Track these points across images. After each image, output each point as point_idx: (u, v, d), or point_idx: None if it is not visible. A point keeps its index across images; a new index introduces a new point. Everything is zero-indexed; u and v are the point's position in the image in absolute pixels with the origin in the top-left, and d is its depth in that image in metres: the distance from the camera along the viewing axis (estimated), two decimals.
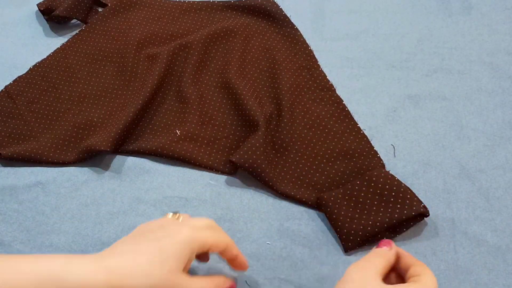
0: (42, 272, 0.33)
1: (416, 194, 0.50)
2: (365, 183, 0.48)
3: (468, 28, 0.63)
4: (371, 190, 0.47)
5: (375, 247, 0.40)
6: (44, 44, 0.66)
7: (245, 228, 0.49)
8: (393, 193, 0.46)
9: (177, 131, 0.56)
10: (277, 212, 0.50)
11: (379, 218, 0.45)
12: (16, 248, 0.49)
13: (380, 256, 0.38)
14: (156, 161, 0.55)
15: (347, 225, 0.46)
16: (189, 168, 0.54)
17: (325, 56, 0.61)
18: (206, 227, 0.39)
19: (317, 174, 0.52)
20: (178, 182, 0.53)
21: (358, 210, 0.47)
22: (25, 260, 0.34)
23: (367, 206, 0.47)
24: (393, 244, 0.40)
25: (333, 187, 0.50)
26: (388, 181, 0.47)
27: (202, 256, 0.43)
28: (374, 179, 0.47)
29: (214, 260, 0.46)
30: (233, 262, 0.41)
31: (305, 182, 0.51)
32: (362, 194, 0.47)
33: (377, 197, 0.47)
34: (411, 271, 0.37)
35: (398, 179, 0.48)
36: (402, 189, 0.47)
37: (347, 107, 0.56)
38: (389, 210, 0.46)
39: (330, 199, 0.48)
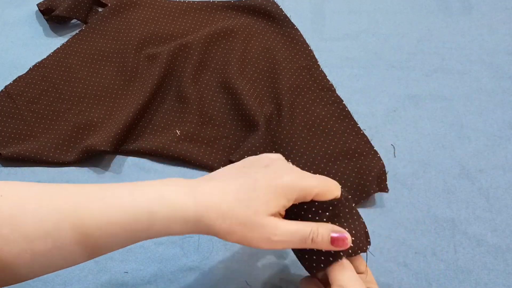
0: (138, 205, 0.33)
1: (416, 194, 0.50)
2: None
3: (468, 28, 0.63)
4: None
5: None
6: (44, 44, 0.66)
7: None
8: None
9: (177, 131, 0.56)
10: None
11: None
12: None
13: None
14: (156, 161, 0.55)
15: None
16: (189, 168, 0.54)
17: (325, 56, 0.61)
18: (311, 176, 0.36)
19: (317, 174, 0.52)
20: None
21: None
22: (122, 192, 0.34)
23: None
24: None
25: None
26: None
27: None
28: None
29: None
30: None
31: None
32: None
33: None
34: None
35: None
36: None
37: (347, 107, 0.56)
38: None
39: None
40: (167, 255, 0.48)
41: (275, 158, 0.38)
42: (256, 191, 0.34)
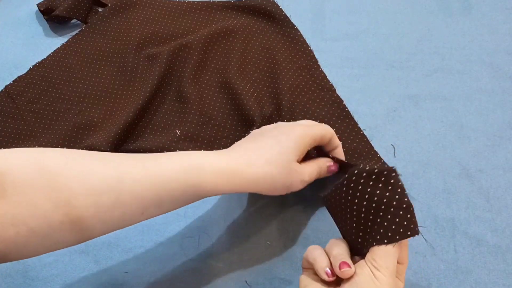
0: (185, 162, 0.38)
1: (416, 194, 0.50)
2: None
3: (468, 28, 0.63)
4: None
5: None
6: (44, 44, 0.66)
7: (245, 228, 0.49)
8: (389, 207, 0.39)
9: (177, 131, 0.56)
10: (277, 212, 0.50)
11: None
12: None
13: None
14: None
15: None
16: None
17: (325, 56, 0.61)
18: (314, 124, 0.45)
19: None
20: None
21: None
22: (171, 154, 0.40)
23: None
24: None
25: (334, 187, 0.50)
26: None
27: None
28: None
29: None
30: (334, 152, 0.46)
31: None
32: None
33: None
34: None
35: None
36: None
37: (347, 107, 0.56)
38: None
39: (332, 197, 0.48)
40: (167, 255, 0.48)
41: (277, 124, 0.45)
42: (282, 144, 0.41)
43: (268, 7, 0.65)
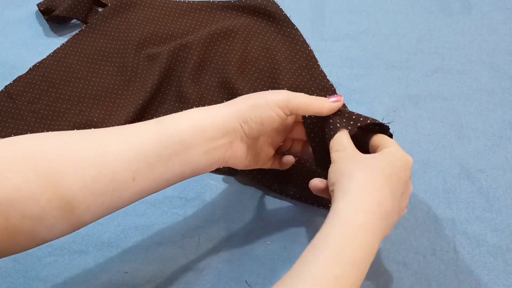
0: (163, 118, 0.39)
1: (416, 194, 0.50)
2: None
3: (468, 28, 0.63)
4: None
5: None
6: (44, 44, 0.66)
7: (245, 228, 0.49)
8: None
9: None
10: (277, 212, 0.50)
11: None
12: None
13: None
14: None
15: None
16: None
17: (325, 56, 0.61)
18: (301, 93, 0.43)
19: (317, 174, 0.52)
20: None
21: None
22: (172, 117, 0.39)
23: None
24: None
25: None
26: None
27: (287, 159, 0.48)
28: None
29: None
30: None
31: (305, 182, 0.51)
32: None
33: None
34: (372, 144, 0.42)
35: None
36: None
37: (347, 107, 0.56)
38: None
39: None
40: (167, 255, 0.48)
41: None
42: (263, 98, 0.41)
43: (268, 7, 0.65)
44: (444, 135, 0.54)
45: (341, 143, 0.40)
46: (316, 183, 0.42)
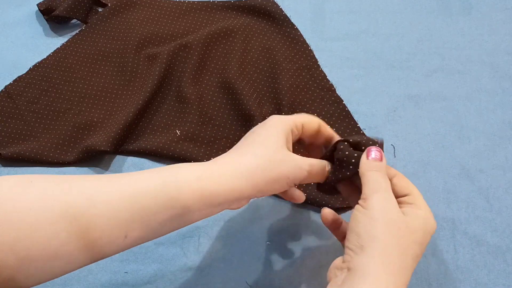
0: (158, 174, 0.35)
1: None
2: None
3: (468, 28, 0.63)
4: None
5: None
6: (44, 44, 0.66)
7: (245, 228, 0.49)
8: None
9: (177, 131, 0.56)
10: (277, 212, 0.50)
11: None
12: None
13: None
14: (156, 161, 0.55)
15: None
16: None
17: (325, 56, 0.61)
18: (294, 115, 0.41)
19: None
20: None
21: None
22: (145, 170, 0.36)
23: None
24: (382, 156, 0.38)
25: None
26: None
27: (297, 195, 0.43)
28: None
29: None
30: (331, 142, 0.42)
31: (305, 184, 0.51)
32: None
33: None
34: (396, 189, 0.37)
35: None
36: None
37: (347, 107, 0.56)
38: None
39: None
40: (167, 255, 0.48)
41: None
42: (261, 136, 0.38)
43: (268, 7, 0.65)
44: (444, 135, 0.54)
45: (378, 182, 0.35)
46: (327, 215, 0.40)
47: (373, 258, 0.31)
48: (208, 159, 0.54)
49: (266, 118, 0.54)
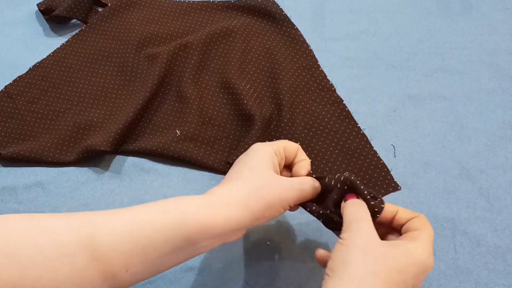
0: (162, 207, 0.36)
1: (416, 194, 0.50)
2: None
3: (468, 28, 0.63)
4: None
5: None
6: (44, 44, 0.66)
7: None
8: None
9: (177, 131, 0.56)
10: None
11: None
12: None
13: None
14: (156, 161, 0.55)
15: None
16: (189, 168, 0.54)
17: (325, 56, 0.61)
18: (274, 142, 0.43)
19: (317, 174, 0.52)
20: (178, 182, 0.53)
21: None
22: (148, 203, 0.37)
23: None
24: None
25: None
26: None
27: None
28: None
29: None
30: (302, 163, 0.43)
31: None
32: None
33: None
34: (408, 225, 0.37)
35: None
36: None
37: (347, 107, 0.56)
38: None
39: None
40: None
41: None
42: (247, 164, 0.39)
43: (268, 7, 0.65)
44: (444, 135, 0.54)
45: (358, 213, 0.36)
46: (323, 255, 0.39)
47: (343, 281, 0.32)
48: (208, 159, 0.54)
49: (266, 118, 0.55)
